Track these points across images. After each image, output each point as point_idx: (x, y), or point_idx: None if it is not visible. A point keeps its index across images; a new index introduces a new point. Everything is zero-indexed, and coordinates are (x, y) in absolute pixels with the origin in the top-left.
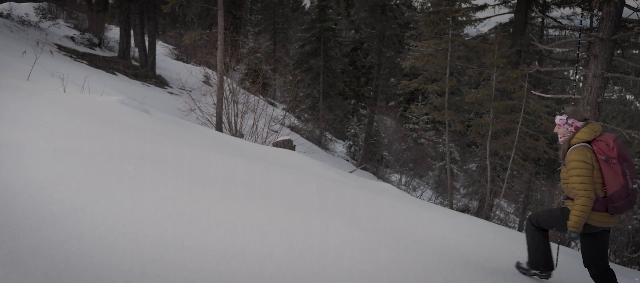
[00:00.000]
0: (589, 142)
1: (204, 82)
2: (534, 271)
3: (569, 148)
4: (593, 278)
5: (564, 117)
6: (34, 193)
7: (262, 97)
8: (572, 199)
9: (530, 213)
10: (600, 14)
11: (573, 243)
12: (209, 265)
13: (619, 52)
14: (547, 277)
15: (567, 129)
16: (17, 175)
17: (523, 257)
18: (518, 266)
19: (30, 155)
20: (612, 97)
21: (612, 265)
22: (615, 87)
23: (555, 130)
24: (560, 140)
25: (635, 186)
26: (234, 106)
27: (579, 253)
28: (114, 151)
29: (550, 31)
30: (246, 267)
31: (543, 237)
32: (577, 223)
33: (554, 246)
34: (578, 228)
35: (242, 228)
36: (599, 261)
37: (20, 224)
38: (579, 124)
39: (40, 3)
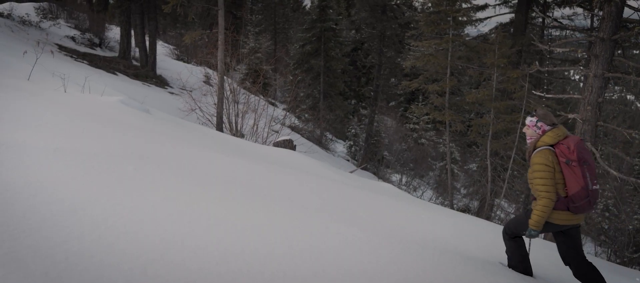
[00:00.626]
0: (552, 146)
1: (204, 82)
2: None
3: (534, 150)
4: (576, 277)
5: (534, 119)
6: (34, 193)
7: (262, 97)
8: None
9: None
10: (601, 13)
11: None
12: (209, 265)
13: (619, 52)
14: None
15: (535, 131)
16: (17, 175)
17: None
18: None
19: (30, 155)
20: (613, 97)
21: (610, 264)
22: (616, 87)
23: (524, 130)
24: (527, 141)
25: (596, 187)
26: (234, 106)
27: None
28: (114, 151)
29: (551, 31)
30: (246, 266)
31: (518, 247)
32: (538, 223)
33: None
34: (538, 226)
35: (243, 228)
36: (575, 257)
37: (20, 224)
38: (547, 127)
39: (41, 3)
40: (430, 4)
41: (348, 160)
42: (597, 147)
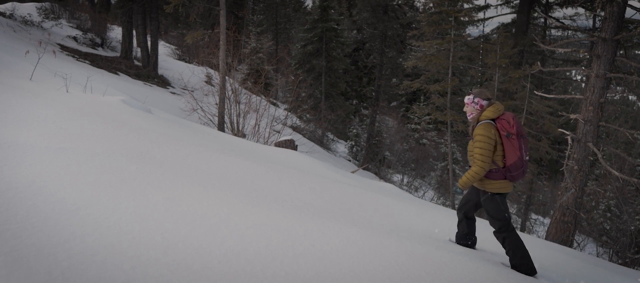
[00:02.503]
0: (494, 120)
1: (206, 82)
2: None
3: (477, 124)
4: (467, 221)
5: (470, 96)
6: (37, 193)
7: (264, 97)
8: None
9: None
10: (603, 14)
11: (580, 247)
12: (211, 264)
13: (621, 52)
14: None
15: (474, 107)
16: (20, 175)
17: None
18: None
19: (32, 155)
20: (615, 98)
21: (612, 265)
22: (618, 88)
23: (464, 109)
24: (469, 117)
25: (527, 158)
26: (236, 106)
27: (580, 254)
28: (116, 151)
29: (553, 31)
30: (249, 266)
31: (518, 245)
32: (465, 184)
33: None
34: (465, 187)
35: (244, 228)
36: (474, 212)
37: (23, 223)
38: (484, 102)
39: (43, 3)
40: (431, 4)
41: (349, 161)
42: (599, 148)
